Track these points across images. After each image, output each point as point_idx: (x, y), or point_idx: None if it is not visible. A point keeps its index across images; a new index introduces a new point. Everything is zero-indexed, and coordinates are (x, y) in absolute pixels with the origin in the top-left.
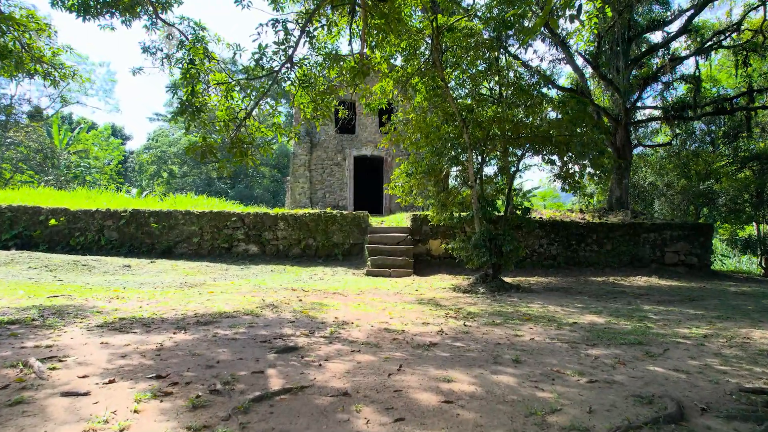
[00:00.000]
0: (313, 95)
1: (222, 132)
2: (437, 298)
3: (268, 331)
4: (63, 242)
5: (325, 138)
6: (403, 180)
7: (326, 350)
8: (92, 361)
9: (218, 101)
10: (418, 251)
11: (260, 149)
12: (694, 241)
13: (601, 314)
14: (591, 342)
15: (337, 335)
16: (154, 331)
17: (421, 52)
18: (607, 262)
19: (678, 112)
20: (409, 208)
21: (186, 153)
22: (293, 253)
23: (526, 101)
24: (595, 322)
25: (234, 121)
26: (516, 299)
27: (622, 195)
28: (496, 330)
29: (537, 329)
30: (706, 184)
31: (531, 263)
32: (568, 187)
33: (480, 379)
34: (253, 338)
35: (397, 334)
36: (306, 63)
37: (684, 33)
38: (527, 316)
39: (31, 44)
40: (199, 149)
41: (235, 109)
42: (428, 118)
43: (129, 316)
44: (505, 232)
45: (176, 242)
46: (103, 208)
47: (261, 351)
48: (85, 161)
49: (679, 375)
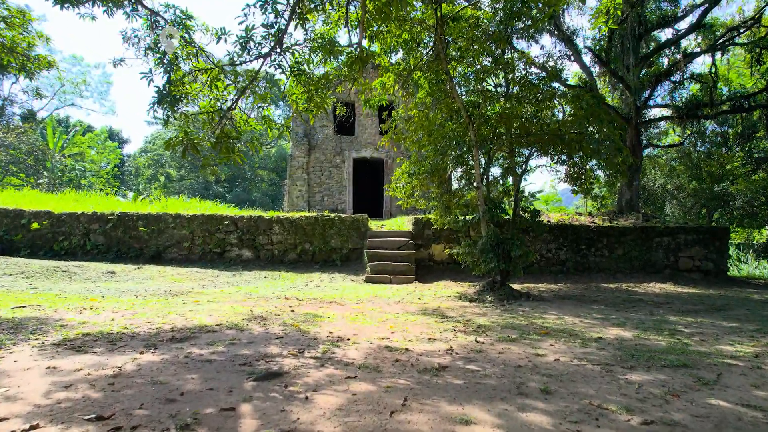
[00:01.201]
0: (304, 81)
1: (206, 126)
2: (442, 308)
3: (251, 349)
4: (46, 247)
5: (323, 139)
6: (404, 180)
7: (316, 376)
8: (25, 394)
9: (201, 91)
10: (420, 256)
11: (248, 144)
12: (709, 245)
13: (625, 327)
14: (626, 363)
15: (331, 355)
16: (119, 351)
17: (424, 43)
18: (618, 268)
19: (692, 111)
20: (411, 212)
21: (165, 148)
22: (289, 259)
23: (536, 95)
24: (623, 337)
25: (218, 113)
26: (528, 309)
27: (632, 197)
28: (513, 348)
29: (559, 346)
30: (721, 186)
31: (538, 269)
32: (578, 188)
33: (506, 419)
34: (231, 360)
35: (400, 353)
36: (298, 49)
37: (696, 29)
38: (544, 330)
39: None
40: (179, 144)
41: (220, 100)
42: (431, 115)
43: (95, 331)
44: (513, 236)
45: (166, 247)
46: (89, 211)
47: (238, 377)
48: (80, 164)
49: (753, 413)
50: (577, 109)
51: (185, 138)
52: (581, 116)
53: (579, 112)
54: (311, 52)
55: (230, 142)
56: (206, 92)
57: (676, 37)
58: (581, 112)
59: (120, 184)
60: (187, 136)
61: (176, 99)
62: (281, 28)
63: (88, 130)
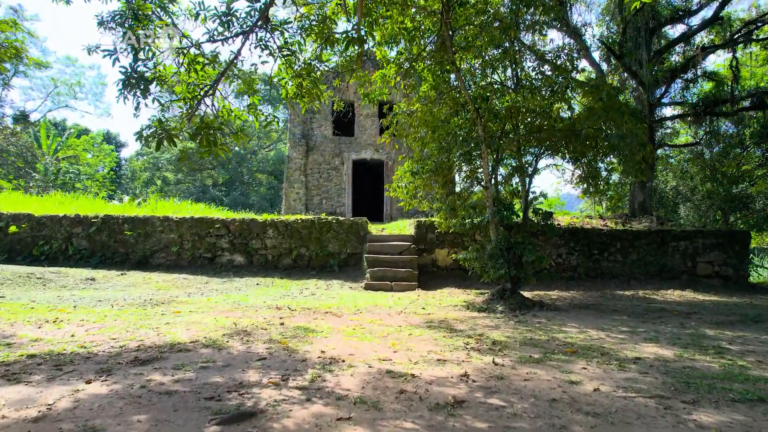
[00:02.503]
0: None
1: (185, 116)
2: (450, 320)
3: (224, 376)
4: (25, 251)
5: (322, 140)
6: (407, 180)
7: (300, 417)
8: None
9: (178, 74)
10: (422, 262)
11: (233, 137)
12: (729, 250)
13: (660, 343)
14: (685, 395)
15: (321, 384)
16: (61, 379)
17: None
18: (632, 274)
19: (710, 108)
20: (413, 215)
21: (137, 140)
22: (283, 264)
23: (551, 85)
24: (663, 357)
25: (198, 98)
26: (544, 320)
27: (645, 200)
28: (539, 372)
29: (594, 370)
30: (740, 188)
31: (548, 275)
32: (592, 190)
33: None
34: (197, 391)
35: (405, 381)
36: (288, 28)
37: (711, 24)
38: (570, 348)
39: None
40: (152, 135)
41: (200, 85)
42: (435, 109)
43: (45, 351)
44: (524, 240)
45: (153, 252)
46: (71, 214)
47: (198, 419)
48: (75, 167)
49: None
50: (595, 101)
51: (159, 128)
52: (600, 109)
53: (598, 104)
54: (302, 31)
55: (211, 132)
56: (183, 76)
57: (690, 32)
58: (600, 104)
59: (116, 188)
60: (161, 125)
61: (147, 81)
62: (267, 1)
63: (83, 132)
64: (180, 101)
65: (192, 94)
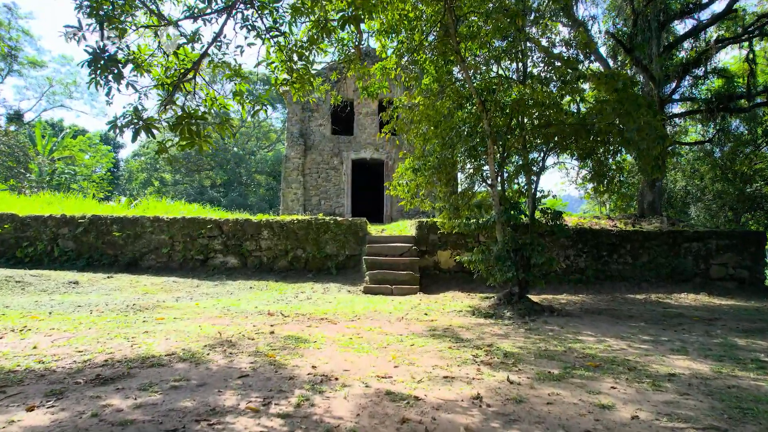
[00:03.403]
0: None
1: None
2: (455, 327)
3: (195, 399)
4: (9, 253)
5: (320, 139)
6: (408, 177)
7: None
8: None
9: (154, 56)
10: (424, 264)
11: (217, 127)
12: (743, 251)
13: (690, 355)
14: (744, 426)
15: (308, 410)
16: (0, 404)
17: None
18: (643, 276)
19: (724, 103)
20: (413, 215)
21: (110, 129)
22: (279, 267)
23: (563, 75)
24: (700, 373)
25: (175, 82)
26: (556, 327)
27: (655, 199)
28: (562, 393)
29: (625, 390)
30: (754, 187)
31: (556, 278)
32: (603, 189)
33: None
34: (159, 421)
35: (407, 406)
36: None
37: (724, 17)
38: (591, 361)
39: None
40: (128, 125)
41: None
42: (438, 103)
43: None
44: (533, 241)
45: (143, 254)
46: (57, 214)
47: None
48: (71, 168)
49: None
50: (610, 91)
51: (135, 117)
52: (614, 100)
53: (612, 95)
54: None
55: (193, 123)
56: (161, 59)
57: (700, 26)
58: (614, 96)
59: (113, 189)
60: (137, 114)
61: (118, 62)
62: None
63: (80, 133)
64: (158, 87)
65: (171, 80)
